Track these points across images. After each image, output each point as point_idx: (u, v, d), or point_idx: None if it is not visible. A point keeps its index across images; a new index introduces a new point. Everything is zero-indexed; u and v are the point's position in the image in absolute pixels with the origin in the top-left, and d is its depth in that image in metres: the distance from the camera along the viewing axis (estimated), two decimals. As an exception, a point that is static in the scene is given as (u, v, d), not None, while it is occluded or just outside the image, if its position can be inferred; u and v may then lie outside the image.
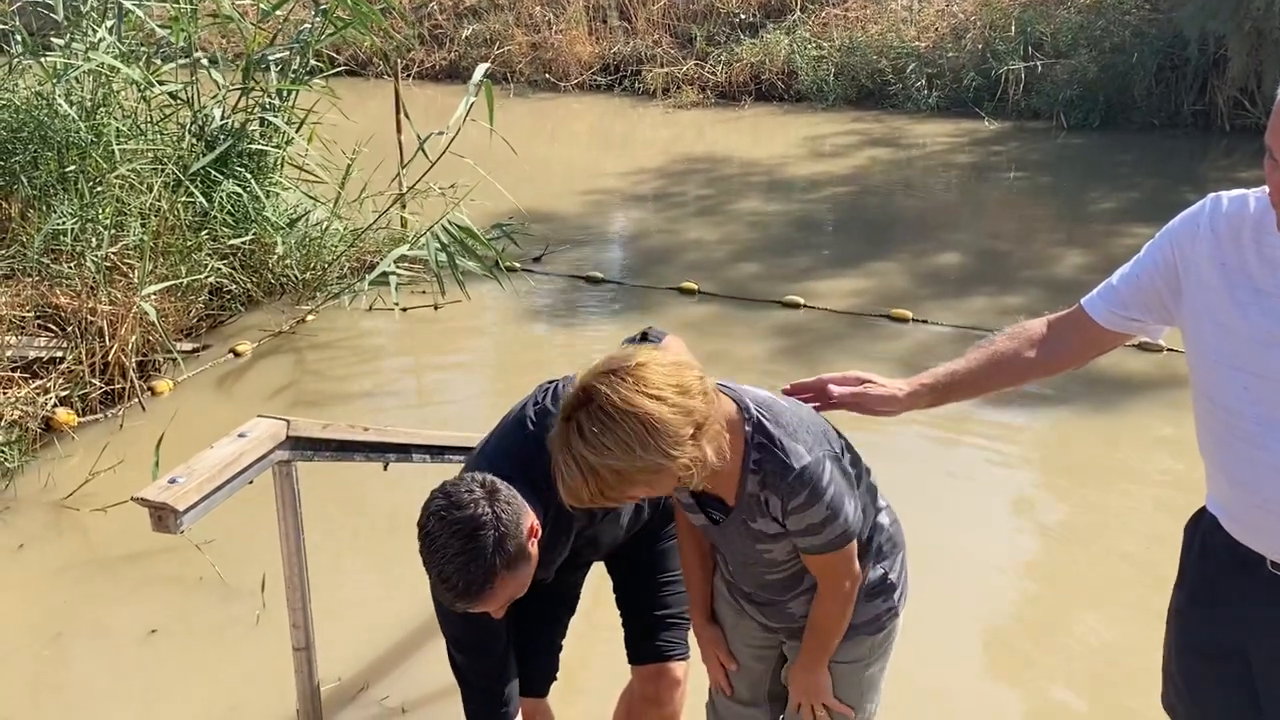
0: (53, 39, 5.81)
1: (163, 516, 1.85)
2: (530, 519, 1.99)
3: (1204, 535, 1.97)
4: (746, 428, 1.81)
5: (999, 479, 4.34)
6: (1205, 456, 1.93)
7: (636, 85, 12.76)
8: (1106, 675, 3.22)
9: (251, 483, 2.08)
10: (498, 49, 13.20)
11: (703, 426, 1.71)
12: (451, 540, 1.90)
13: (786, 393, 2.01)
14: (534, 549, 2.00)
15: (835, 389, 2.05)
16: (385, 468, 2.47)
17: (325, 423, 2.25)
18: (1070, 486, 4.30)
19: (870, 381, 2.05)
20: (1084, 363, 2.09)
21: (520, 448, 2.15)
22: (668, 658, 2.62)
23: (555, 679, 2.70)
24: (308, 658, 2.29)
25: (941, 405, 2.08)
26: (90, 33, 5.62)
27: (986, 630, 3.43)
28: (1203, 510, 1.99)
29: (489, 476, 1.98)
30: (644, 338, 2.26)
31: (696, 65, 12.58)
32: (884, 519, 2.05)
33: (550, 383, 2.27)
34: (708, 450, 1.72)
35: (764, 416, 1.82)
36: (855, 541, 1.90)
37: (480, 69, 5.63)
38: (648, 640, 2.61)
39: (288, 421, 2.13)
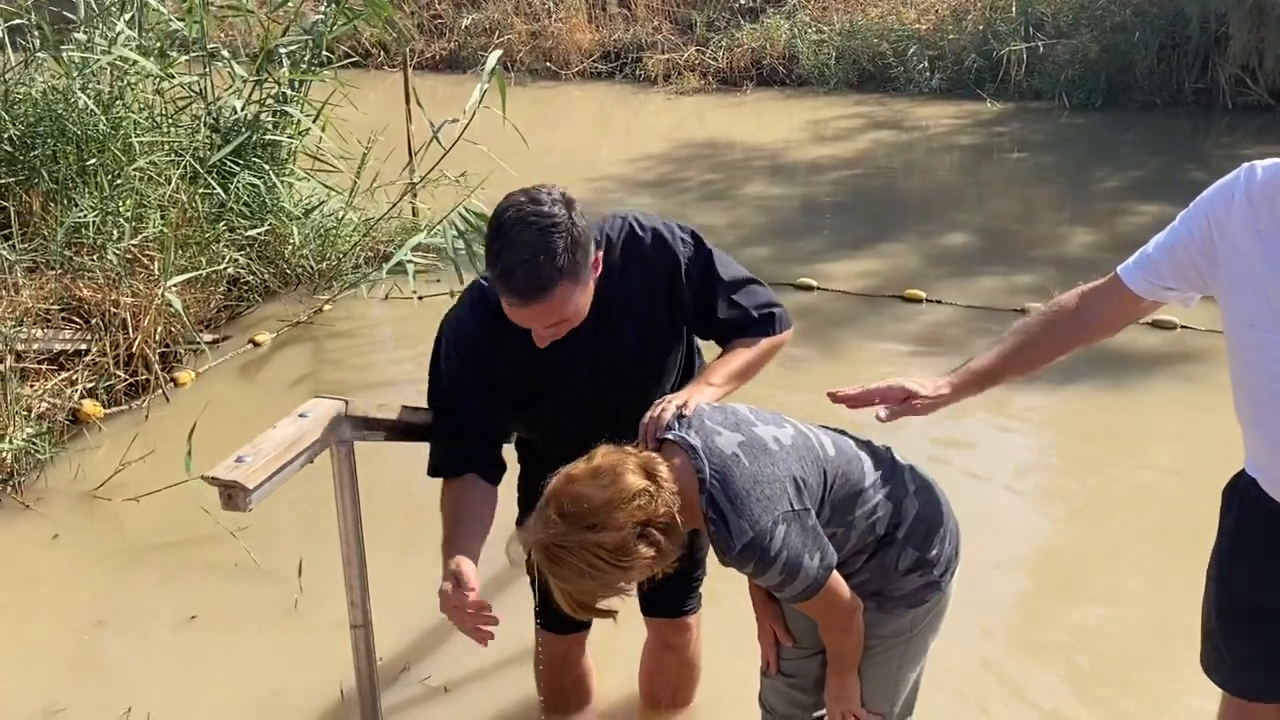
0: (72, 34, 5.83)
1: (233, 495, 1.89)
2: (596, 250, 2.04)
3: (1243, 497, 2.03)
4: (702, 502, 1.85)
5: (1010, 455, 4.39)
6: (1243, 421, 1.98)
7: (637, 72, 12.76)
8: (1133, 645, 3.27)
9: (313, 462, 2.12)
10: (497, 38, 13.19)
11: (649, 523, 1.79)
12: (526, 231, 1.93)
13: (832, 397, 2.05)
14: (592, 283, 2.05)
15: (882, 412, 2.07)
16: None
17: (381, 403, 2.29)
18: (1083, 461, 4.36)
19: (913, 394, 2.06)
20: (1118, 331, 2.14)
21: (610, 223, 2.25)
22: (681, 613, 2.68)
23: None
24: (365, 635, 2.34)
25: (987, 390, 2.12)
26: (109, 26, 5.64)
27: (1005, 603, 3.49)
28: (1241, 473, 2.04)
29: (568, 192, 2.02)
30: (771, 316, 2.31)
31: (697, 51, 12.58)
32: (912, 505, 2.07)
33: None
34: (662, 539, 1.81)
35: (715, 489, 1.84)
36: (831, 582, 1.93)
37: (493, 56, 5.66)
38: (661, 596, 2.65)
39: (346, 402, 2.18)
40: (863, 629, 2.04)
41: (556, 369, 2.23)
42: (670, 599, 2.61)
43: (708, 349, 2.46)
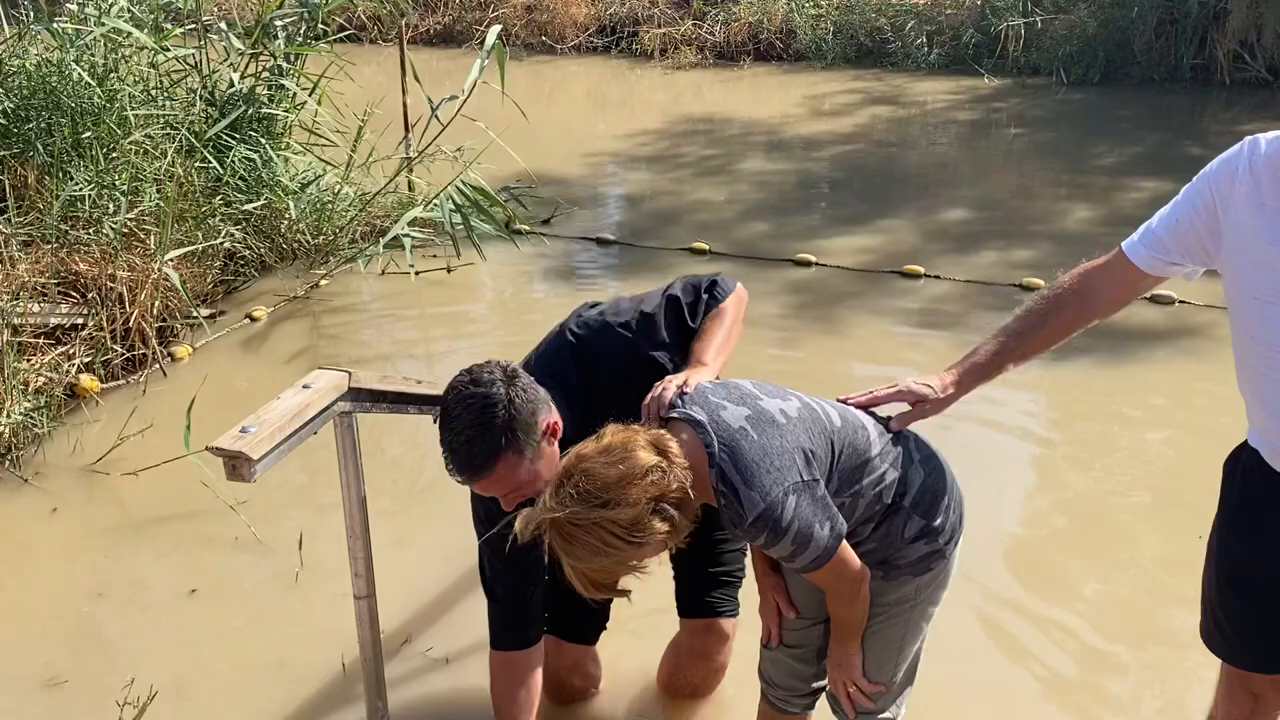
0: (65, 5, 5.79)
1: (237, 465, 1.89)
2: (549, 414, 2.07)
3: (1245, 468, 2.04)
4: (712, 476, 1.86)
5: (1009, 428, 4.39)
6: (1246, 392, 1.99)
7: (634, 47, 12.70)
8: (1132, 614, 3.29)
9: (316, 434, 2.12)
10: (493, 12, 13.12)
11: (663, 498, 1.80)
12: (464, 413, 1.98)
13: (840, 403, 2.04)
14: (550, 446, 2.07)
15: (894, 422, 2.07)
16: (435, 420, 2.51)
17: (383, 374, 2.29)
18: (1082, 435, 4.37)
19: (922, 398, 2.06)
20: (1123, 308, 2.14)
21: (556, 353, 2.30)
22: (718, 614, 2.68)
23: (605, 628, 2.77)
24: (369, 606, 2.34)
25: (994, 379, 2.13)
26: (102, -1, 5.60)
27: (1006, 574, 3.50)
28: (1243, 445, 2.05)
29: (514, 365, 2.08)
30: (714, 284, 2.32)
31: (694, 25, 12.53)
32: (918, 474, 2.08)
33: (594, 303, 2.39)
34: (675, 514, 1.82)
35: (725, 462, 1.85)
36: (841, 551, 1.94)
37: (493, 32, 5.62)
38: (699, 595, 2.68)
39: (349, 373, 2.18)
40: (868, 598, 2.05)
41: None
42: (705, 596, 2.63)
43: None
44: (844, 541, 1.94)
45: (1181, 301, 5.26)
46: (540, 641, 2.42)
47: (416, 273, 5.78)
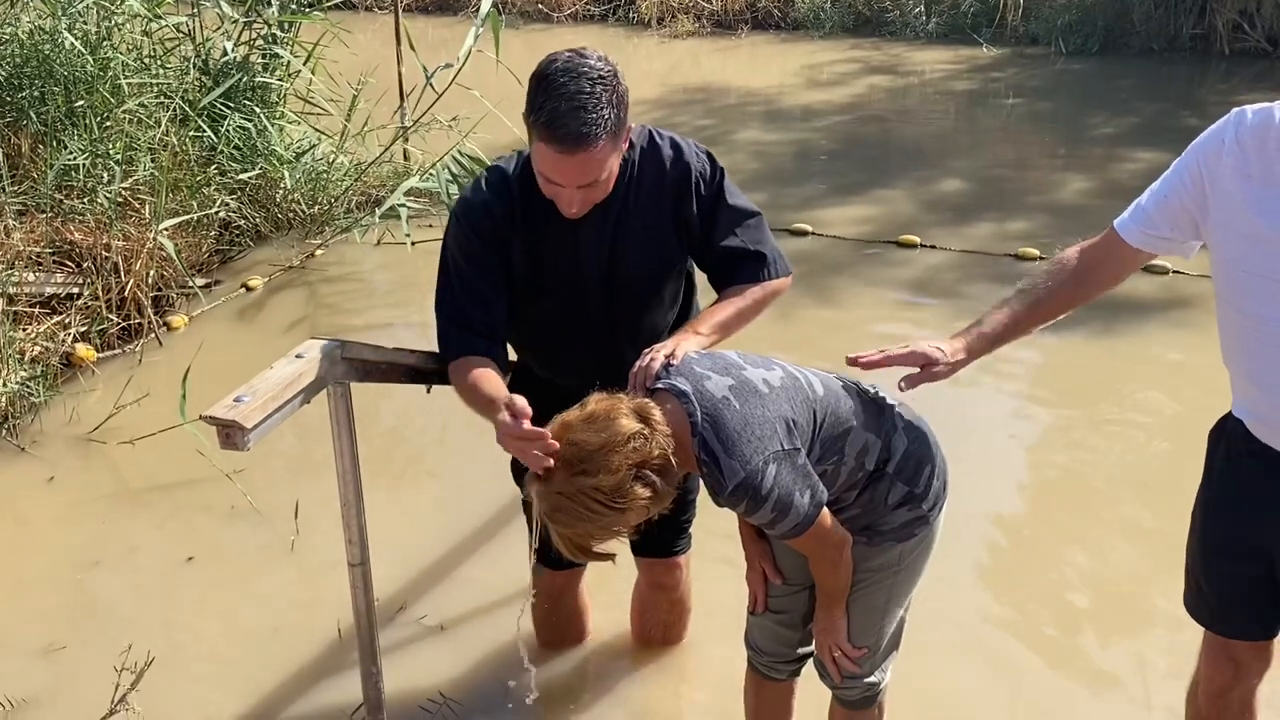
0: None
1: (231, 434, 1.91)
2: (629, 123, 2.12)
3: (1229, 439, 2.06)
4: (694, 445, 1.89)
5: (1001, 398, 4.42)
6: (1231, 364, 2.00)
7: (631, 15, 12.62)
8: (1118, 587, 3.33)
9: (309, 402, 2.13)
10: (489, -21, 13.02)
11: (645, 464, 1.83)
12: (575, 81, 1.98)
13: (850, 361, 2.04)
14: (623, 151, 2.13)
15: (903, 382, 2.07)
16: (428, 390, 2.53)
17: (376, 344, 2.30)
18: (1073, 405, 4.39)
19: (932, 361, 2.05)
20: (1121, 282, 2.15)
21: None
22: (671, 553, 2.72)
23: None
24: (363, 573, 2.36)
25: (996, 350, 2.13)
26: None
27: (994, 544, 3.54)
28: (1227, 415, 2.07)
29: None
30: (776, 260, 2.35)
31: (691, -7, 12.45)
32: (901, 441, 2.10)
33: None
34: (658, 481, 1.85)
35: (707, 431, 1.87)
36: (822, 518, 1.96)
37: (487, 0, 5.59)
38: (649, 537, 2.69)
39: (342, 343, 2.19)
40: (851, 563, 2.08)
41: (566, 262, 2.27)
42: (661, 540, 2.64)
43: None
44: (825, 509, 1.96)
45: (1175, 272, 5.27)
46: (499, 355, 2.27)
47: (413, 243, 5.77)
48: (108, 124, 5.26)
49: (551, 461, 1.81)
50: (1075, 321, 4.90)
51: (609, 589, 3.04)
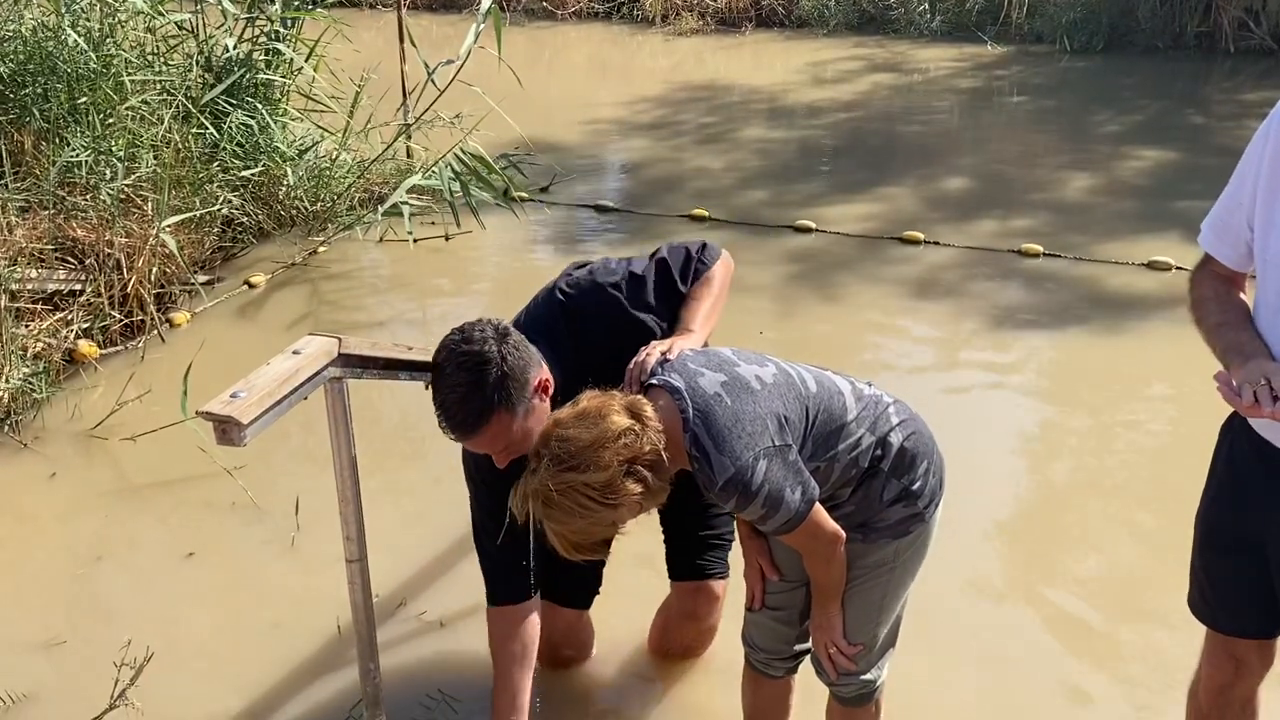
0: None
1: (227, 429, 1.90)
2: (541, 372, 2.10)
3: (1233, 438, 2.05)
4: (686, 440, 1.90)
5: (1007, 397, 4.41)
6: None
7: (635, 12, 12.62)
8: (1119, 586, 3.31)
9: (306, 399, 2.13)
10: (493, -23, 13.01)
11: (636, 460, 1.84)
12: (457, 372, 2.02)
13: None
14: (542, 403, 2.10)
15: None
16: (426, 386, 2.52)
17: (374, 341, 2.30)
18: (1079, 403, 4.37)
19: None
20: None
21: (546, 312, 2.33)
22: (708, 576, 2.71)
23: (598, 592, 2.79)
24: (361, 569, 2.36)
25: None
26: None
27: (996, 544, 3.52)
28: (1234, 413, 2.05)
29: (505, 323, 2.11)
30: (703, 249, 2.34)
31: (696, -9, 12.45)
32: (896, 438, 2.09)
33: (583, 263, 2.42)
34: (649, 476, 1.86)
35: (698, 427, 1.88)
36: (813, 514, 1.96)
37: (489, -6, 5.59)
38: (688, 558, 2.70)
39: (339, 339, 2.19)
40: (845, 560, 2.08)
41: None
42: (694, 556, 2.65)
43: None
44: (817, 505, 1.96)
45: (1179, 268, 5.26)
46: (536, 595, 2.45)
47: (415, 240, 5.78)
48: (110, 121, 5.26)
49: None
50: (1078, 319, 4.93)
51: (610, 581, 3.02)
